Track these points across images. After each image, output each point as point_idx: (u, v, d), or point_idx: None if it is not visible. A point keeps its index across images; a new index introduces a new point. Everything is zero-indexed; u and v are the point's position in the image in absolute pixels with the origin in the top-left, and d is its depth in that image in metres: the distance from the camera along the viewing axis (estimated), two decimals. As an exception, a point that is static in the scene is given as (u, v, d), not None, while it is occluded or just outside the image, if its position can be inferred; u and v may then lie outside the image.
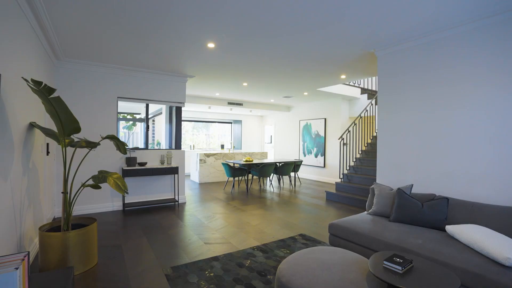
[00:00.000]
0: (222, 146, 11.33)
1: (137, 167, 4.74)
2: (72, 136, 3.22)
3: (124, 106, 8.54)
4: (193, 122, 10.77)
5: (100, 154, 4.64)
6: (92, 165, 4.59)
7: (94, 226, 2.70)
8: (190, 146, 10.45)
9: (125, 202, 4.86)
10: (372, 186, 3.43)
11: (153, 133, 8.43)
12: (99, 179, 2.56)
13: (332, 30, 3.17)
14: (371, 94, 7.42)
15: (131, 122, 8.66)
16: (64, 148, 2.54)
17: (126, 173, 4.60)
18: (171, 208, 4.96)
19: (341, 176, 6.14)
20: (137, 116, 9.62)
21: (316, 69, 4.85)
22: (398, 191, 2.90)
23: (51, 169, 4.05)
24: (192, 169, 8.33)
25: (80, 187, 2.70)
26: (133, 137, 9.44)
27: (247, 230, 3.82)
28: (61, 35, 3.41)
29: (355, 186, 5.59)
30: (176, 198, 5.27)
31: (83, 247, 2.58)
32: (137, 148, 5.00)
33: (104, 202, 4.70)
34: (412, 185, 3.01)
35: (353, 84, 7.31)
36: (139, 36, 3.43)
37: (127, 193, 2.66)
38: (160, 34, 3.35)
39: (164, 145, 6.16)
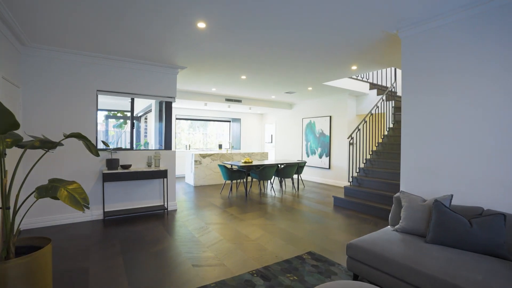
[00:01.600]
0: (220, 146, 10.71)
1: (119, 170, 4.13)
2: (29, 135, 2.61)
3: (114, 103, 7.93)
4: (189, 121, 10.16)
5: (71, 156, 4.01)
6: (61, 170, 3.95)
7: (47, 250, 2.09)
8: (186, 146, 9.84)
9: (106, 210, 4.24)
10: (397, 195, 2.82)
11: (146, 132, 7.82)
12: (47, 190, 1.95)
13: (347, 7, 2.57)
14: (381, 89, 6.81)
15: (121, 121, 8.05)
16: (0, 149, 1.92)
17: (106, 178, 3.99)
18: (159, 217, 4.35)
19: (350, 180, 5.52)
20: (129, 114, 9.03)
21: (324, 59, 4.24)
22: (436, 204, 2.29)
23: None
24: (187, 171, 7.72)
25: (28, 200, 2.09)
26: (124, 136, 8.84)
27: (245, 247, 3.21)
28: (18, 15, 2.80)
29: (366, 191, 4.98)
30: (166, 205, 4.65)
31: (30, 278, 1.96)
32: (120, 149, 4.39)
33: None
34: (451, 195, 2.40)
35: (361, 79, 6.70)
36: (110, 15, 2.82)
37: (87, 207, 2.05)
38: (135, 10, 2.73)
39: (153, 145, 5.55)
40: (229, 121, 10.77)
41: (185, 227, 3.91)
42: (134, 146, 5.02)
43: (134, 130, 8.93)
